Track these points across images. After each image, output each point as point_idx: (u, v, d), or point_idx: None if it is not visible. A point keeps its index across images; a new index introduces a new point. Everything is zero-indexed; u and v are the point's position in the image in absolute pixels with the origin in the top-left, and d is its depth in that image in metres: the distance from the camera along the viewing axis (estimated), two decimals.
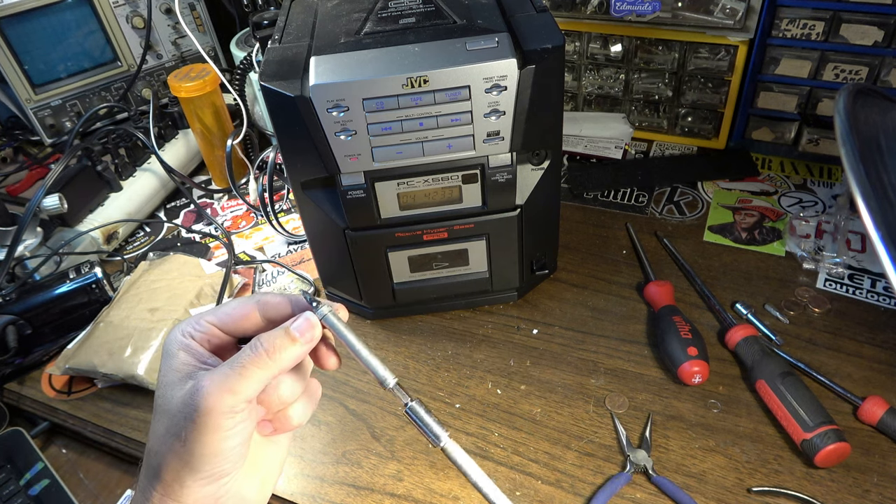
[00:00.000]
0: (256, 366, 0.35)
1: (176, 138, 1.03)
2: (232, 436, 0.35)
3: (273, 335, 0.36)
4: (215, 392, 0.34)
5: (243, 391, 0.35)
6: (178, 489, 0.35)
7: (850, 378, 0.64)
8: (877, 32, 0.77)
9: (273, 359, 0.36)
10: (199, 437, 0.34)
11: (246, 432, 0.36)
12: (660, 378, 0.67)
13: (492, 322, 0.74)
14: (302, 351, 0.37)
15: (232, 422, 0.34)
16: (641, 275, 0.78)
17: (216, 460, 0.35)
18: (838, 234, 0.78)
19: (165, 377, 0.37)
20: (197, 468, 0.34)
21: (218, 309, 0.39)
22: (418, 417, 0.39)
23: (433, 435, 0.39)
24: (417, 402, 0.39)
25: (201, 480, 0.35)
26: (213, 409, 0.34)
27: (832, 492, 0.56)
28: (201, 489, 0.35)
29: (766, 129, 0.91)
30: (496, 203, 0.66)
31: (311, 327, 0.37)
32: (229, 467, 0.36)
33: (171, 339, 0.38)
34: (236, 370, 0.35)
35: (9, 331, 0.73)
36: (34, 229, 0.84)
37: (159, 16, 1.06)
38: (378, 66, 0.56)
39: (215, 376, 0.35)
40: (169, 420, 0.35)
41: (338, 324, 0.39)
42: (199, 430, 0.34)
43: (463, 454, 0.38)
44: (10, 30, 0.94)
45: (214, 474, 0.35)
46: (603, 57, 0.95)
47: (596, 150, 0.98)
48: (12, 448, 0.69)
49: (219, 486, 0.36)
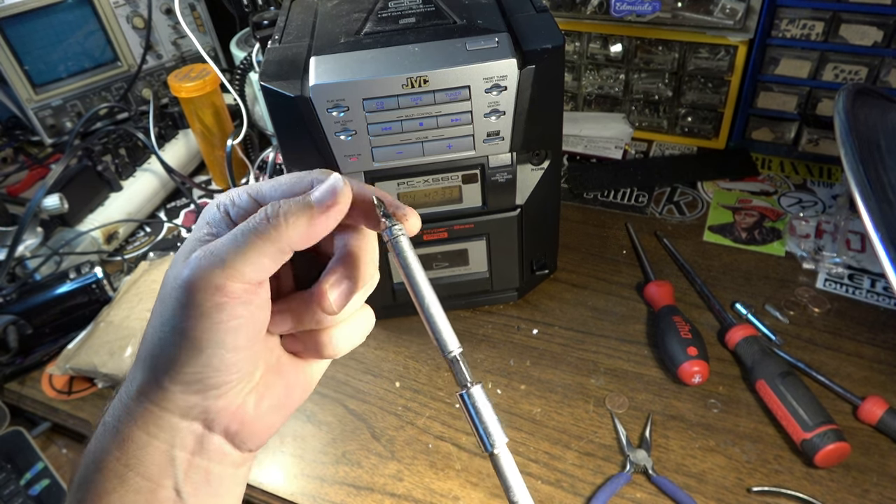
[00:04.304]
0: (257, 234, 0.27)
1: (176, 138, 1.03)
2: (223, 329, 0.27)
3: (286, 200, 0.28)
4: (205, 265, 0.27)
5: (239, 267, 0.27)
6: (156, 391, 0.28)
7: (850, 378, 0.64)
8: (876, 33, 0.77)
9: (278, 228, 0.27)
10: (183, 325, 0.27)
11: (245, 331, 0.28)
12: (660, 378, 0.67)
13: (492, 322, 0.74)
14: (321, 223, 0.28)
15: (224, 308, 0.27)
16: (641, 275, 0.78)
17: (199, 360, 0.27)
18: (838, 234, 0.78)
19: (177, 254, 0.29)
20: (177, 367, 0.27)
21: (266, 182, 0.30)
22: (475, 408, 0.30)
23: (487, 435, 0.29)
24: (481, 387, 0.30)
25: (182, 385, 0.27)
26: (199, 286, 0.26)
27: (832, 491, 0.56)
28: (184, 398, 0.28)
29: (766, 129, 0.91)
30: (496, 203, 0.66)
31: (335, 195, 0.28)
32: (220, 377, 0.28)
33: (203, 211, 0.30)
34: (231, 239, 0.27)
35: (9, 331, 0.73)
36: (34, 229, 0.84)
37: (159, 16, 1.06)
38: (378, 66, 0.56)
39: (209, 247, 0.27)
40: (158, 304, 0.28)
41: (408, 253, 0.30)
42: (185, 316, 0.27)
43: (514, 468, 0.30)
44: (10, 30, 0.94)
45: (199, 381, 0.28)
46: (603, 57, 0.95)
47: (596, 150, 0.98)
48: (13, 448, 0.69)
49: (206, 398, 0.28)
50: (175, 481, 0.29)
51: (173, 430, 0.29)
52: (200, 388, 0.28)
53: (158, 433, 0.28)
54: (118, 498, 0.28)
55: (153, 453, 0.29)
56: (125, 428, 0.28)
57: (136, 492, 0.28)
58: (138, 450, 0.28)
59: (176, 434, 0.29)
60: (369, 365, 0.71)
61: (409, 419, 0.66)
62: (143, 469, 0.28)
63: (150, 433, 0.28)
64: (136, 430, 0.28)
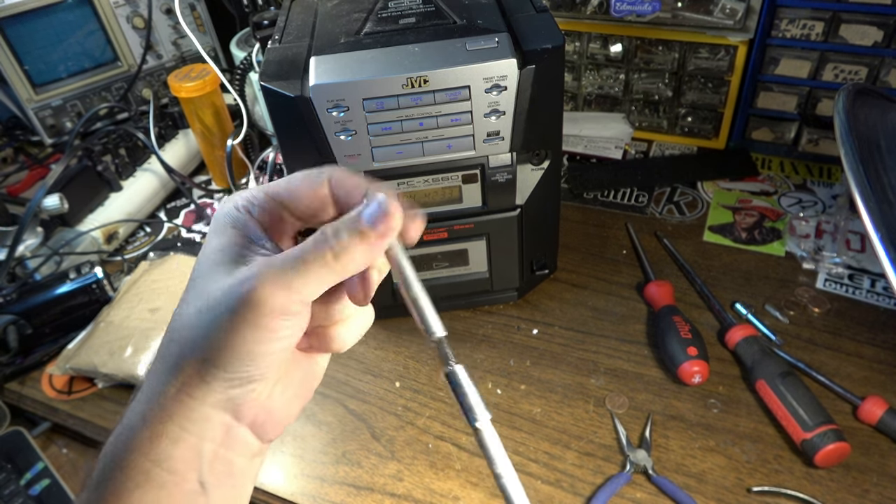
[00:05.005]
0: (321, 264, 0.29)
1: (176, 138, 1.03)
2: (276, 339, 0.29)
3: (342, 227, 0.29)
4: (270, 286, 0.28)
5: (301, 290, 0.29)
6: (198, 385, 0.29)
7: (850, 378, 0.64)
8: (876, 33, 0.77)
9: (340, 260, 0.29)
10: (238, 332, 0.29)
11: (292, 339, 0.30)
12: (660, 378, 0.67)
13: (492, 322, 0.74)
14: (378, 250, 0.30)
15: (281, 324, 0.29)
16: (641, 275, 0.78)
17: (252, 363, 0.29)
18: (838, 234, 0.78)
19: (211, 256, 0.31)
20: (226, 367, 0.29)
21: (280, 181, 0.32)
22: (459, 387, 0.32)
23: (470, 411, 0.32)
24: (464, 368, 0.33)
25: (227, 381, 0.30)
26: (264, 305, 0.28)
27: (832, 491, 0.56)
28: (225, 391, 0.30)
29: (766, 129, 0.91)
30: (496, 203, 0.66)
31: (387, 218, 0.29)
32: (261, 374, 0.30)
33: (221, 212, 0.32)
34: (298, 264, 0.29)
35: (9, 331, 0.73)
36: (35, 229, 0.84)
37: (159, 16, 1.06)
38: (378, 66, 0.56)
39: (274, 267, 0.29)
40: (206, 306, 0.30)
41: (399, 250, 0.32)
42: (241, 326, 0.29)
43: (498, 443, 0.32)
44: (10, 30, 0.94)
45: (244, 378, 0.30)
46: (603, 57, 0.95)
47: (596, 150, 0.98)
48: (13, 448, 0.69)
49: (245, 391, 0.30)
50: (200, 473, 0.30)
51: (206, 421, 0.30)
52: (241, 383, 0.30)
53: (191, 426, 0.30)
54: (141, 494, 0.29)
55: (183, 447, 0.29)
56: (157, 424, 0.29)
57: (161, 487, 0.29)
58: (170, 444, 0.29)
59: (207, 426, 0.30)
60: (369, 365, 0.72)
61: (409, 419, 0.66)
62: (171, 464, 0.29)
63: (183, 427, 0.29)
64: (171, 425, 0.29)
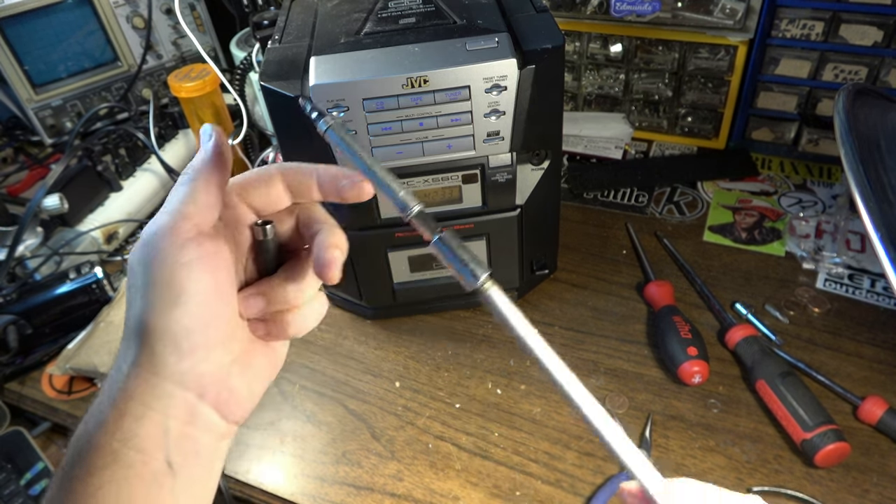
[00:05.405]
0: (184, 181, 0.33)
1: (176, 138, 1.03)
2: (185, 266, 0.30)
3: None
4: (157, 221, 0.32)
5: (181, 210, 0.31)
6: (149, 358, 0.30)
7: (850, 378, 0.64)
8: (876, 33, 0.77)
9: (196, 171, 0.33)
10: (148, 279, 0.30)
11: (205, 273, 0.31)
12: (660, 378, 0.67)
13: (492, 322, 0.74)
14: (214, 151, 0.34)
15: (182, 248, 0.30)
16: (641, 275, 0.78)
17: (177, 310, 0.30)
18: (838, 234, 0.78)
19: None
20: (160, 323, 0.30)
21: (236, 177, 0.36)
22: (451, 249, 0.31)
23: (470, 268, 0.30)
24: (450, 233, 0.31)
25: (171, 346, 0.30)
26: (156, 234, 0.31)
27: (832, 491, 0.56)
28: (176, 361, 0.30)
29: (766, 129, 0.91)
30: (496, 203, 0.66)
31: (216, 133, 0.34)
32: (202, 334, 0.31)
33: None
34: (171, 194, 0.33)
35: (9, 331, 0.73)
36: (35, 229, 0.84)
37: (159, 16, 1.06)
38: (378, 66, 0.56)
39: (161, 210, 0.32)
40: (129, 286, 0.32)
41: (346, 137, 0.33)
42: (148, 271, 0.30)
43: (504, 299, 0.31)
44: (10, 30, 0.94)
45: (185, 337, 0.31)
46: (603, 57, 0.95)
47: (596, 150, 0.98)
48: (13, 448, 0.69)
49: (195, 361, 0.31)
50: (167, 452, 0.31)
51: (169, 398, 0.31)
52: (187, 346, 0.31)
53: (154, 402, 0.30)
54: (110, 474, 0.29)
55: (148, 425, 0.30)
56: (121, 404, 0.30)
57: (129, 466, 0.30)
58: (134, 422, 0.30)
59: (171, 403, 0.31)
60: (369, 365, 0.71)
61: (409, 419, 0.66)
62: (137, 442, 0.30)
63: (146, 403, 0.30)
64: (133, 402, 0.30)
